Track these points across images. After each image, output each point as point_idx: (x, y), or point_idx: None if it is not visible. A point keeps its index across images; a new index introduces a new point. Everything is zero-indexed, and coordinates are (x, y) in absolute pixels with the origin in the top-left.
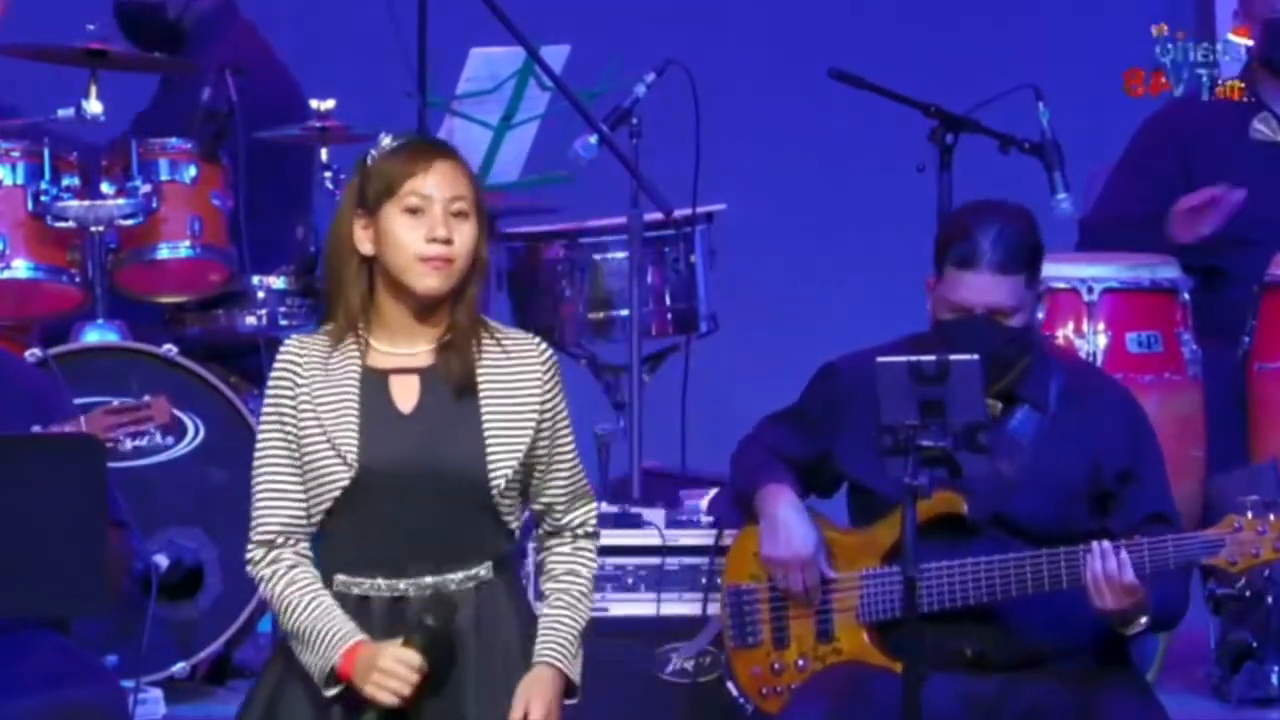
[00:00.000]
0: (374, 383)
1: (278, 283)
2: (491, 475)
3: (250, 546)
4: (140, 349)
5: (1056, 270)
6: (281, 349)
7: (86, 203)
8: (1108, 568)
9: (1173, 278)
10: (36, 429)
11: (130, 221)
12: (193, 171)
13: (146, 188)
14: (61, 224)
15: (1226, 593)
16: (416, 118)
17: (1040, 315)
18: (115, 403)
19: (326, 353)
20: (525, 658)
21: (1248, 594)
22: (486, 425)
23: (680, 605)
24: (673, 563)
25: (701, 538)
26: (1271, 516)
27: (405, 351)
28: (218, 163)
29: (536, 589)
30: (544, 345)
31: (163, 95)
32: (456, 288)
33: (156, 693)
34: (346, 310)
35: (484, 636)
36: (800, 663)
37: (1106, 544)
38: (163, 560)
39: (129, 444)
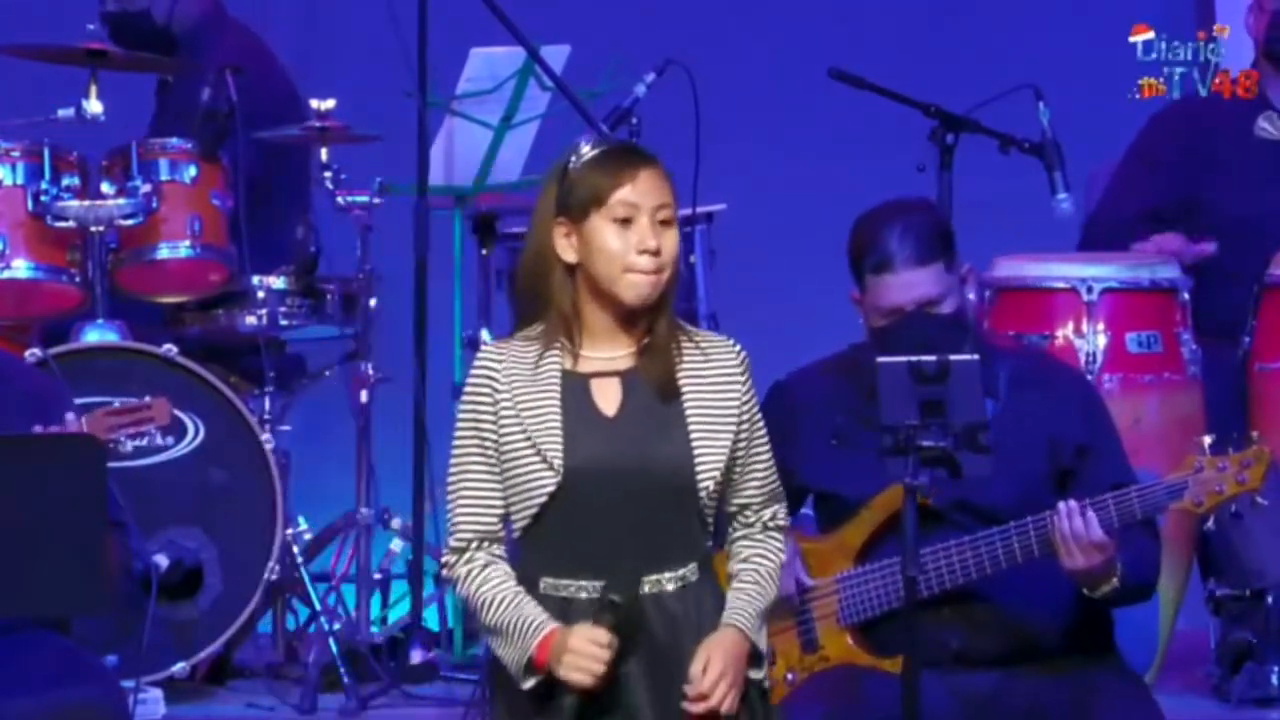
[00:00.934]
0: (575, 386)
1: (278, 283)
2: (700, 477)
3: (445, 552)
4: (140, 349)
5: (1056, 270)
6: (479, 355)
7: (86, 203)
8: (1074, 525)
9: (1173, 278)
10: (37, 429)
11: (130, 221)
12: (193, 171)
13: (146, 188)
14: (61, 224)
15: (1227, 593)
16: (416, 118)
17: (970, 296)
18: (116, 403)
19: (525, 358)
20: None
21: (1247, 593)
22: (692, 427)
23: None
24: None
25: None
26: (1230, 450)
27: (606, 356)
28: (218, 163)
29: None
30: (740, 347)
31: (164, 100)
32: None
33: (156, 693)
34: (560, 317)
35: (693, 635)
36: (789, 677)
37: (1072, 502)
38: (163, 560)
39: (129, 445)
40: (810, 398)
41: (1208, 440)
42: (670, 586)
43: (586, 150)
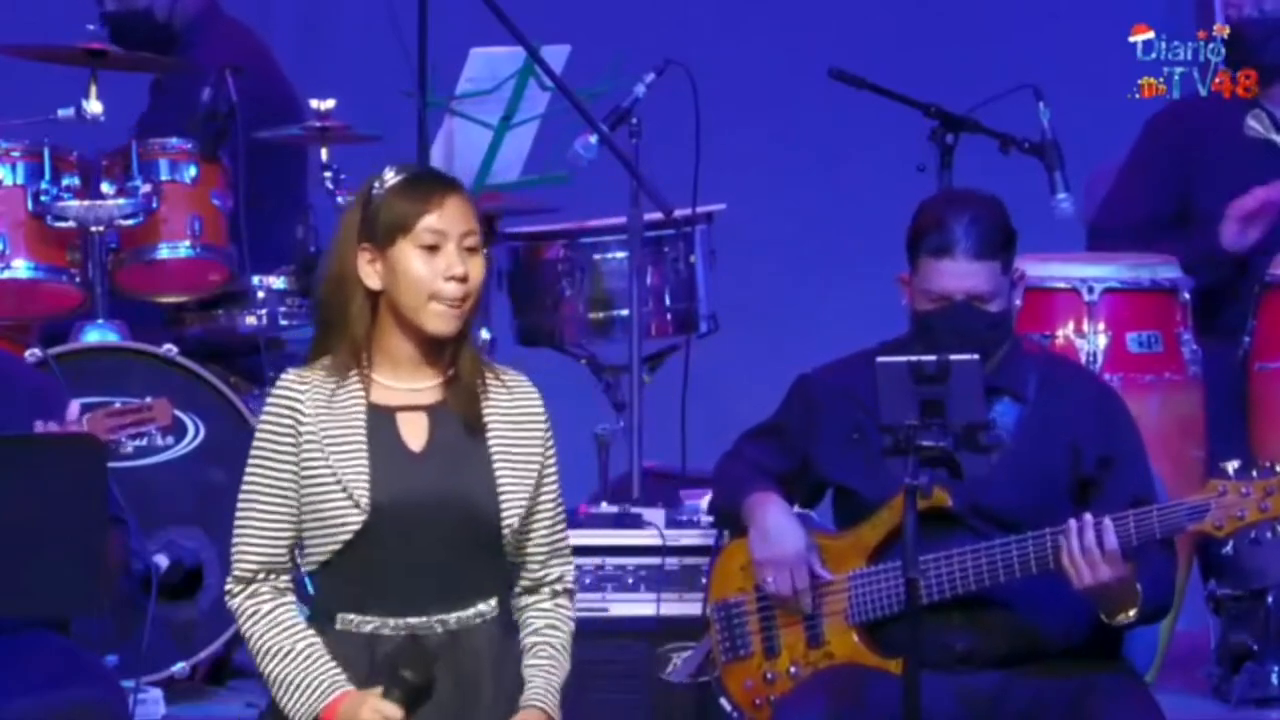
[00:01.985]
0: (381, 420)
1: (278, 283)
2: (504, 514)
3: (229, 581)
4: (140, 349)
5: (1057, 270)
6: (279, 382)
7: (86, 203)
8: (1085, 540)
9: (1173, 278)
10: (38, 424)
11: (130, 221)
12: (193, 171)
13: (146, 188)
14: (61, 224)
15: (1227, 593)
16: (416, 118)
17: (1017, 303)
18: (117, 403)
19: (328, 387)
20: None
21: (1248, 594)
22: (497, 464)
23: (680, 605)
24: (673, 563)
25: (701, 538)
26: (1255, 475)
27: (410, 387)
28: (218, 163)
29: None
30: (535, 389)
31: (158, 99)
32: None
33: (156, 693)
34: (351, 345)
35: (496, 673)
36: (792, 670)
37: (1087, 516)
38: (163, 560)
39: (130, 445)
40: (834, 393)
41: (1233, 465)
42: (470, 624)
43: (391, 176)
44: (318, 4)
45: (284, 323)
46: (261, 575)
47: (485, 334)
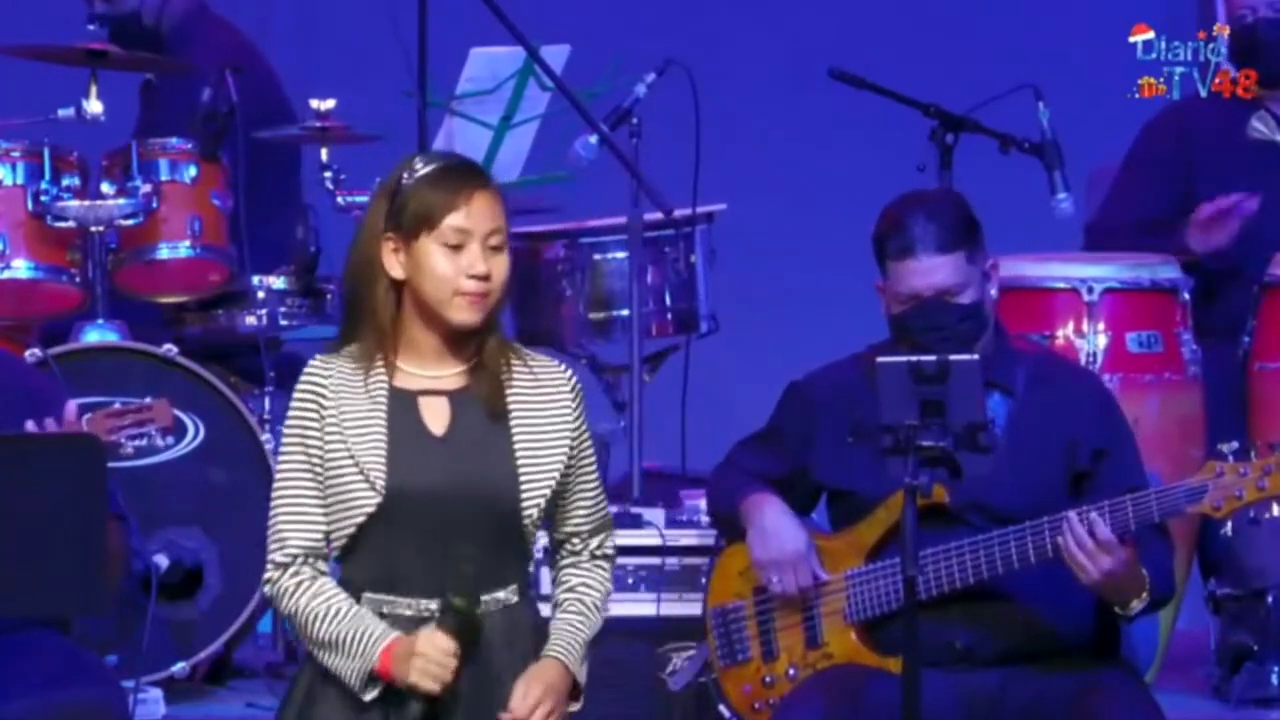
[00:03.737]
0: (403, 403)
1: (278, 283)
2: (524, 502)
3: (268, 567)
4: (140, 349)
5: (1057, 270)
6: (306, 369)
7: (86, 203)
8: (1078, 535)
9: (1173, 278)
10: (29, 425)
11: (130, 221)
12: (193, 171)
13: (146, 188)
14: (61, 224)
15: (1227, 593)
16: (416, 118)
17: (993, 293)
18: (117, 404)
19: (352, 373)
20: None
21: (1248, 594)
22: (519, 451)
23: (680, 605)
24: (673, 563)
25: (701, 538)
26: (1253, 456)
27: (432, 374)
28: (218, 163)
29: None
30: (571, 372)
31: (150, 101)
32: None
33: (156, 693)
34: (376, 332)
35: (511, 659)
36: (791, 672)
37: (1071, 513)
38: (163, 560)
39: (130, 446)
40: (827, 396)
41: (1230, 446)
42: (493, 608)
43: (420, 166)
44: (317, 4)
45: (284, 323)
46: (300, 559)
47: None
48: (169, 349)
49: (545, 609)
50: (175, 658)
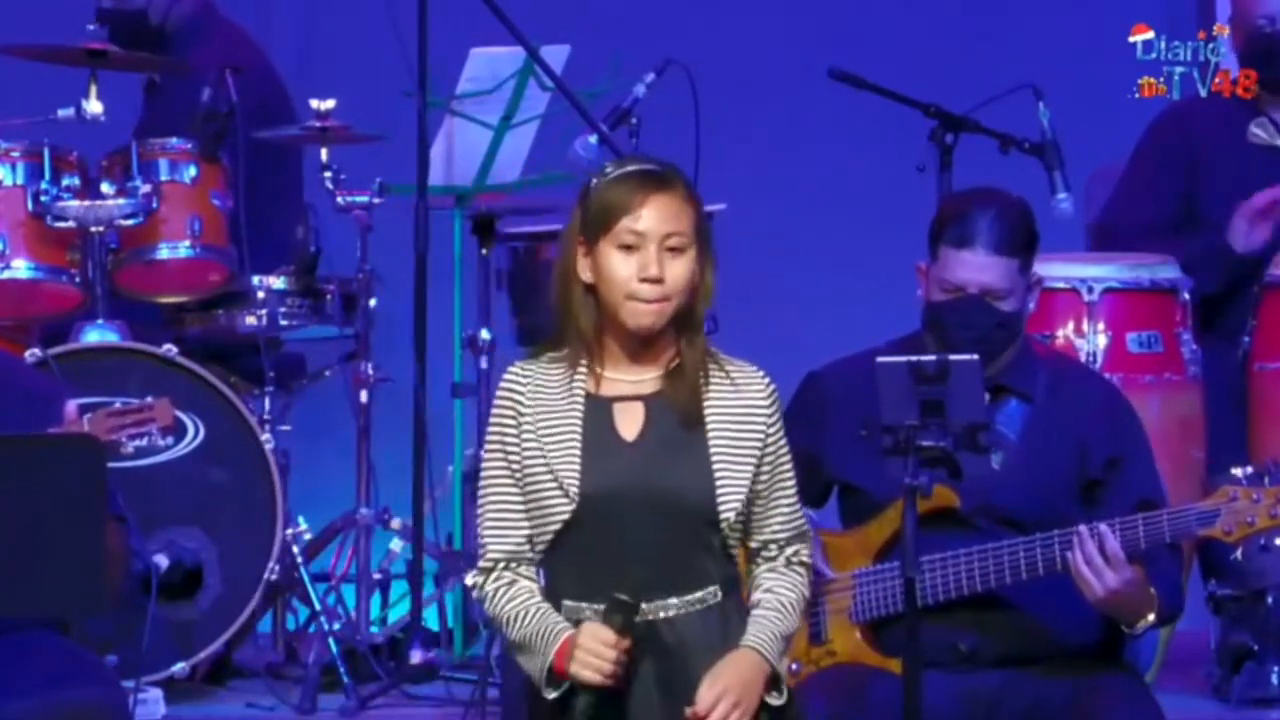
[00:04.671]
0: (598, 409)
1: (278, 283)
2: (721, 507)
3: (475, 572)
4: (140, 349)
5: (1057, 270)
6: (505, 375)
7: (86, 203)
8: (1087, 550)
9: (1172, 278)
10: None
11: (130, 221)
12: (193, 171)
13: (146, 188)
14: (61, 224)
15: (1227, 593)
16: (416, 118)
17: (1031, 307)
18: (117, 404)
19: (551, 379)
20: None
21: (1247, 594)
22: (715, 455)
23: None
24: None
25: None
26: (1266, 482)
27: (631, 379)
28: (218, 163)
29: None
30: (769, 380)
31: (153, 101)
32: (683, 317)
33: (156, 693)
34: (579, 337)
35: (713, 660)
36: (794, 667)
37: (1082, 528)
38: (163, 560)
39: (130, 446)
40: (842, 390)
41: (1244, 471)
42: (690, 610)
43: (610, 170)
44: (318, 4)
45: (284, 323)
46: (503, 564)
47: (485, 334)
48: (169, 349)
49: None
50: (175, 658)
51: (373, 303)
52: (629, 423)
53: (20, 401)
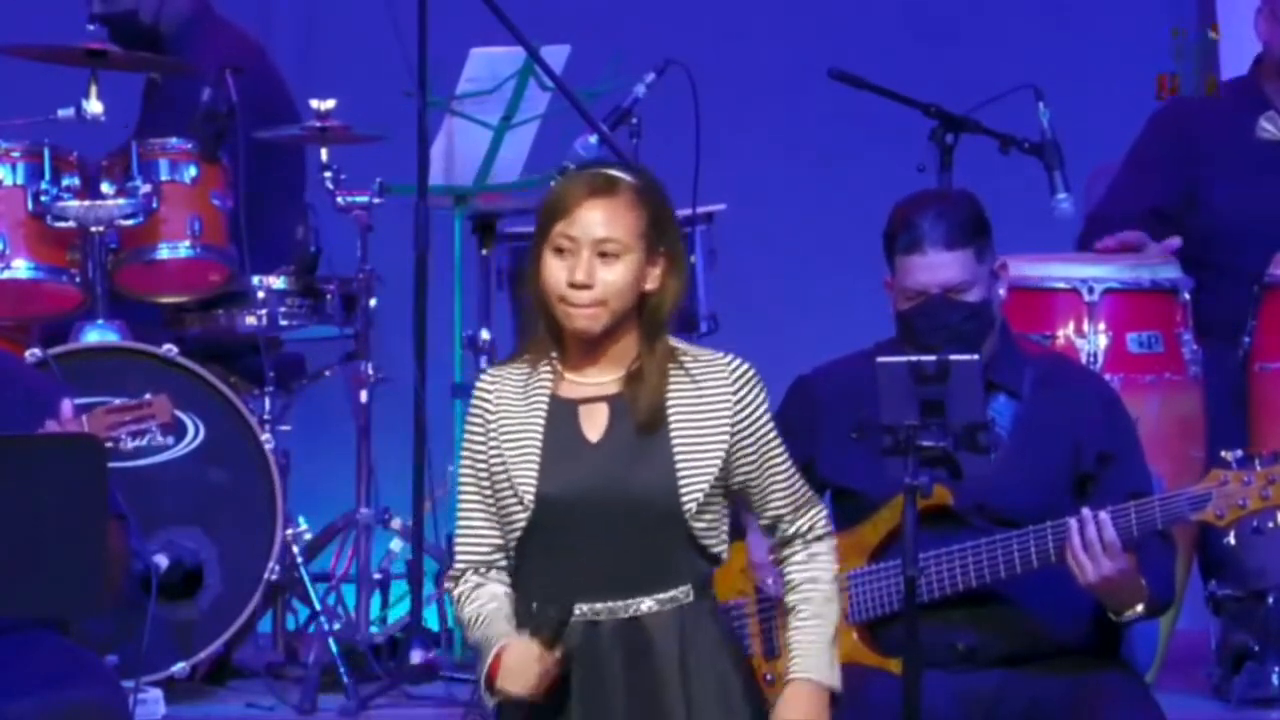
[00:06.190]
0: (563, 412)
1: (278, 283)
2: (683, 499)
3: (446, 578)
4: (140, 349)
5: (1057, 270)
6: (476, 384)
7: (86, 203)
8: (1087, 535)
9: (1173, 278)
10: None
11: (130, 221)
12: (193, 171)
13: (146, 188)
14: (61, 224)
15: (1227, 593)
16: (416, 118)
17: (1001, 293)
18: (116, 402)
19: (520, 383)
20: (745, 686)
21: (1248, 594)
22: (676, 450)
23: None
24: None
25: None
26: (1257, 465)
27: (594, 381)
28: (218, 163)
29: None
30: (735, 363)
31: (153, 101)
32: (645, 318)
33: (156, 693)
34: (540, 339)
35: (690, 662)
36: None
37: (1085, 511)
38: (163, 560)
39: (129, 443)
40: (833, 392)
41: (1235, 454)
42: (662, 608)
43: (568, 172)
44: (318, 4)
45: (284, 323)
46: (471, 571)
47: (485, 334)
48: (169, 349)
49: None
50: (175, 658)
51: (373, 303)
52: (593, 425)
53: (20, 401)
